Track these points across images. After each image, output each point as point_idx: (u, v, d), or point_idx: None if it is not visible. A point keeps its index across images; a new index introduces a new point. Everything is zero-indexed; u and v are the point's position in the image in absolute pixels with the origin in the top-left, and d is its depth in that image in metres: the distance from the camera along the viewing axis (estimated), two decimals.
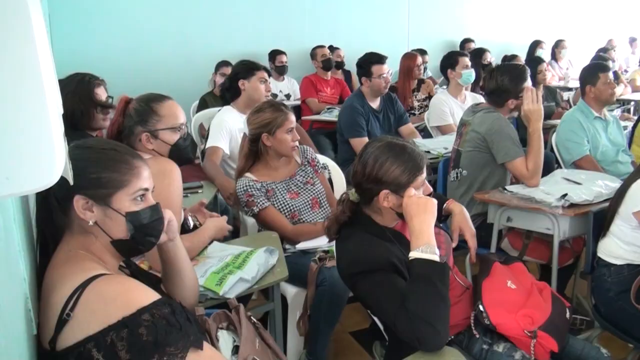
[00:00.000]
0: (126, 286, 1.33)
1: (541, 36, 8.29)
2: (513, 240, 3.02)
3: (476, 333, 1.94)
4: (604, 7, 9.75)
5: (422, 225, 1.73)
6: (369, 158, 1.86)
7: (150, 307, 1.26)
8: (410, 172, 1.83)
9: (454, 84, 4.82)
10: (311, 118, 5.75)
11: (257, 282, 2.05)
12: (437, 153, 3.90)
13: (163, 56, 6.04)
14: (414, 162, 1.85)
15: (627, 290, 2.31)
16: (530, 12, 8.89)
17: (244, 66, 3.75)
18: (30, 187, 0.85)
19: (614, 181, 2.99)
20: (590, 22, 9.55)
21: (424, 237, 1.71)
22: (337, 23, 7.17)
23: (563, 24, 9.12)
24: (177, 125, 2.30)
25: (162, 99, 2.32)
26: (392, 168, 1.82)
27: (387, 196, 1.84)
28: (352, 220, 1.95)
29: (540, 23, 8.89)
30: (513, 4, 8.72)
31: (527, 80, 3.22)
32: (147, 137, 2.24)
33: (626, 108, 6.96)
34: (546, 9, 9.07)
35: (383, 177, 1.83)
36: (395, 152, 1.85)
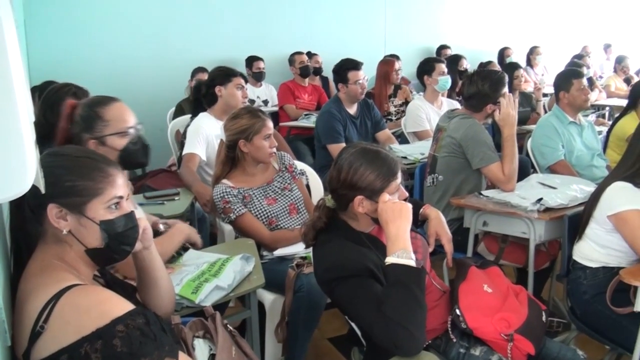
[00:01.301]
0: (100, 297, 1.32)
1: (517, 42, 8.43)
2: (489, 244, 3.05)
3: (453, 337, 1.95)
4: (579, 14, 9.90)
5: (397, 230, 1.73)
6: (344, 164, 1.87)
7: (124, 317, 1.25)
8: (384, 177, 1.84)
9: (431, 90, 4.85)
10: (289, 124, 5.75)
11: (234, 289, 2.04)
12: (413, 158, 3.92)
13: (140, 62, 6.00)
14: (387, 167, 1.86)
15: (602, 292, 2.33)
16: (505, 19, 8.98)
17: (221, 72, 3.73)
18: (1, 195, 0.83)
19: (588, 185, 3.03)
20: (565, 28, 9.69)
21: (400, 242, 1.71)
22: (314, 29, 7.17)
23: (538, 30, 9.24)
24: (125, 129, 2.20)
25: (108, 101, 2.22)
26: (366, 173, 1.83)
27: (361, 202, 1.85)
28: (329, 226, 1.95)
29: (515, 30, 9.00)
30: (488, 12, 8.80)
31: (506, 86, 3.26)
32: (95, 144, 2.14)
33: (601, 113, 7.08)
34: (521, 16, 9.17)
35: (357, 183, 1.84)
36: (369, 157, 1.86)
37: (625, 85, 7.50)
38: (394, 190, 1.86)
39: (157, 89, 6.01)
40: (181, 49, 6.19)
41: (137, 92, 5.88)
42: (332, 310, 2.44)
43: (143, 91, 5.96)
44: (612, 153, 4.22)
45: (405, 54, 7.04)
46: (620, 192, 2.35)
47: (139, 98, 5.84)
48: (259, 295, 2.51)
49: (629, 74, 7.87)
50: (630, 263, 2.39)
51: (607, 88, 7.69)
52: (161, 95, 5.92)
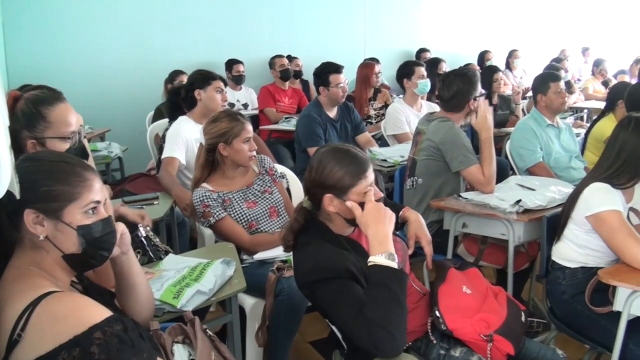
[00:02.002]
0: (77, 304, 1.31)
1: (496, 46, 8.50)
2: (469, 246, 3.07)
3: (433, 339, 1.96)
4: (557, 18, 10.02)
5: (378, 232, 1.73)
6: (314, 163, 1.89)
7: (102, 324, 1.23)
8: (352, 175, 1.83)
9: (410, 94, 4.87)
10: (270, 128, 5.74)
11: (215, 294, 2.03)
12: (393, 161, 3.94)
13: (119, 66, 5.95)
14: (356, 165, 1.85)
15: (582, 292, 2.35)
16: (485, 23, 9.06)
17: (200, 76, 3.71)
18: None
19: (567, 187, 3.07)
20: (544, 32, 9.79)
21: (385, 244, 1.71)
22: (295, 33, 7.18)
23: (518, 34, 9.33)
24: (68, 135, 2.10)
25: (53, 101, 2.12)
26: (334, 171, 1.84)
27: (332, 200, 1.85)
28: (309, 229, 1.95)
29: (495, 34, 9.08)
30: (468, 16, 8.88)
31: (479, 81, 3.32)
32: (34, 145, 2.05)
33: (579, 116, 7.16)
34: (501, 20, 9.26)
35: (326, 181, 1.85)
36: (337, 156, 1.86)
37: (603, 88, 7.60)
38: (363, 189, 1.85)
39: (136, 92, 5.98)
40: (161, 52, 6.17)
41: (116, 95, 5.87)
42: (313, 313, 2.43)
43: (122, 95, 5.94)
44: (591, 155, 4.27)
45: (385, 58, 7.08)
46: (598, 193, 2.37)
47: (118, 101, 5.85)
48: (240, 300, 2.49)
49: (606, 77, 7.98)
50: (609, 263, 2.41)
51: (585, 91, 7.79)
52: (140, 99, 5.89)
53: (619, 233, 2.27)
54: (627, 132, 2.41)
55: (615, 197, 2.36)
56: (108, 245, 1.46)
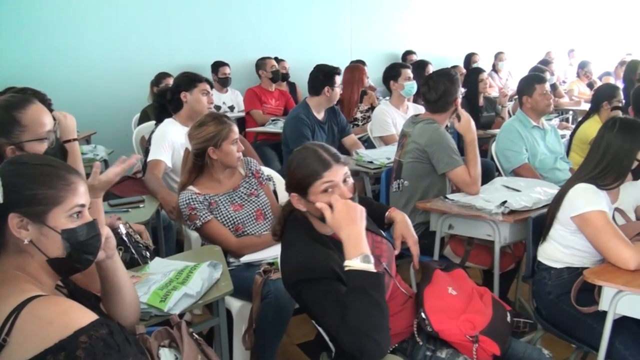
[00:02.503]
0: (63, 307, 1.30)
1: (482, 48, 8.55)
2: (455, 247, 3.08)
3: (419, 340, 1.96)
4: (543, 21, 10.09)
5: (350, 234, 1.70)
6: (289, 161, 1.93)
7: (87, 328, 1.23)
8: (309, 174, 1.83)
9: (397, 95, 4.89)
10: (256, 130, 5.73)
11: (202, 297, 2.02)
12: (379, 163, 3.95)
13: (104, 68, 5.92)
14: (315, 165, 1.83)
15: (567, 292, 2.37)
16: (471, 26, 9.11)
17: (186, 78, 3.70)
18: None
19: (552, 187, 3.09)
20: (529, 35, 9.86)
21: (357, 247, 1.68)
22: (281, 35, 7.17)
23: (503, 36, 9.39)
24: (44, 135, 2.10)
25: (24, 104, 2.11)
26: (296, 171, 1.86)
27: (298, 199, 1.87)
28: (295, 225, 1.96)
29: (481, 36, 9.14)
30: (454, 18, 8.92)
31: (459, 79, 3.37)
32: (12, 150, 2.04)
33: (564, 117, 7.22)
34: (487, 22, 9.32)
35: (291, 180, 1.88)
36: (302, 155, 1.88)
37: (588, 90, 7.66)
38: (319, 188, 1.82)
39: (121, 94, 5.95)
40: (146, 54, 6.14)
41: (101, 98, 5.84)
42: (300, 315, 2.43)
43: (108, 97, 5.90)
44: (575, 156, 4.31)
45: (370, 60, 7.10)
46: (583, 194, 2.39)
47: (104, 104, 5.82)
48: (227, 303, 2.48)
49: (591, 79, 8.04)
50: (594, 263, 2.43)
51: (570, 93, 7.85)
52: (126, 101, 5.86)
53: (603, 233, 2.28)
54: (612, 133, 2.43)
55: (600, 197, 2.38)
56: (92, 249, 1.45)
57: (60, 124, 2.44)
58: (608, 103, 4.32)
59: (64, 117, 2.54)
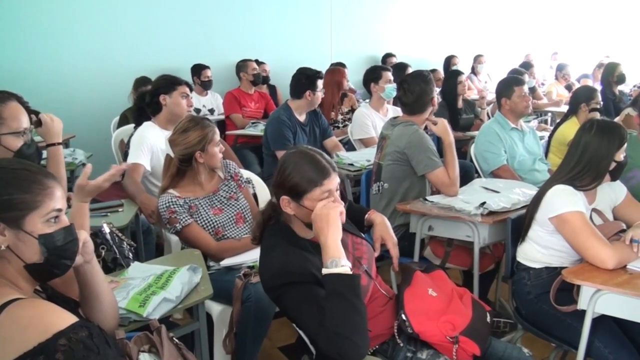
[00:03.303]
0: (41, 310, 1.29)
1: (462, 51, 8.61)
2: (435, 248, 3.10)
3: (400, 342, 1.97)
4: (521, 24, 10.20)
5: (326, 239, 1.72)
6: (280, 162, 1.91)
7: (67, 331, 1.23)
8: (307, 181, 1.84)
9: (377, 98, 4.90)
10: (236, 133, 5.70)
11: (182, 301, 2.01)
12: (360, 165, 3.96)
13: (83, 71, 5.86)
14: (314, 172, 1.85)
15: (546, 292, 2.39)
16: (450, 28, 9.18)
17: (165, 81, 3.66)
18: None
19: (530, 189, 3.12)
20: (508, 38, 9.95)
21: (331, 251, 1.70)
22: (261, 38, 7.16)
23: (483, 39, 9.47)
24: (21, 130, 2.14)
25: (4, 99, 2.16)
26: (292, 175, 1.85)
27: (288, 202, 1.86)
28: (275, 230, 1.95)
29: (460, 39, 9.21)
30: (433, 21, 8.98)
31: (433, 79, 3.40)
32: None
33: (543, 119, 7.30)
34: (466, 25, 9.40)
35: (284, 183, 1.86)
36: (299, 159, 1.87)
37: (566, 92, 7.73)
38: (317, 196, 1.84)
39: (100, 97, 5.90)
40: (125, 57, 6.09)
41: (80, 101, 5.78)
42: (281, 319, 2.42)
43: (86, 100, 5.84)
44: (554, 157, 4.35)
45: (351, 62, 7.12)
46: (561, 195, 2.42)
47: (83, 107, 5.76)
48: (207, 307, 2.47)
49: (570, 81, 8.13)
50: (572, 263, 2.45)
51: (549, 95, 7.93)
52: (105, 104, 5.81)
53: (581, 233, 2.30)
54: (589, 135, 2.46)
55: (577, 198, 2.40)
56: (70, 254, 1.44)
57: (46, 126, 2.43)
58: (586, 105, 4.37)
59: (51, 119, 2.52)
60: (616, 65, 6.40)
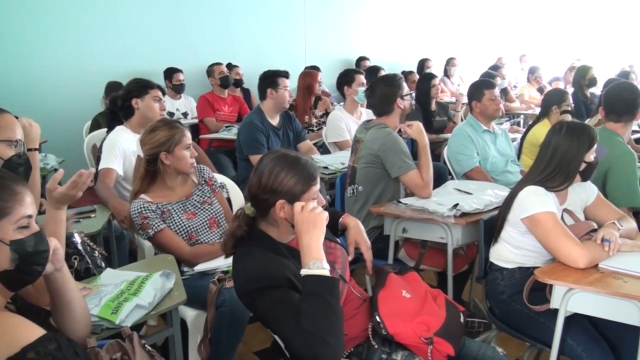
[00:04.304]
0: (9, 324, 1.28)
1: (435, 54, 8.68)
2: (409, 250, 3.12)
3: (375, 344, 1.97)
4: (493, 27, 10.31)
5: (310, 241, 1.72)
6: (264, 169, 1.86)
7: (35, 344, 1.21)
8: (304, 181, 1.84)
9: (350, 101, 4.92)
10: (210, 136, 5.68)
11: (155, 307, 1.99)
12: (334, 168, 3.96)
13: (54, 75, 5.79)
14: (307, 172, 1.86)
15: (519, 292, 2.41)
16: (423, 31, 9.25)
17: (137, 85, 3.64)
18: None
19: (502, 190, 3.15)
20: (481, 40, 10.06)
21: (312, 252, 1.71)
22: (234, 41, 7.14)
23: (455, 42, 9.55)
24: (14, 139, 2.15)
25: (1, 111, 2.18)
26: (287, 178, 1.83)
27: (283, 206, 1.84)
28: (248, 237, 1.94)
29: (433, 42, 9.28)
30: (406, 24, 9.04)
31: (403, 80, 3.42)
32: None
33: (516, 121, 7.39)
34: (439, 28, 9.48)
35: (278, 188, 1.83)
36: (289, 162, 1.86)
37: (538, 95, 7.81)
38: (313, 195, 1.86)
39: (72, 102, 5.83)
40: (97, 60, 6.03)
41: (51, 105, 5.70)
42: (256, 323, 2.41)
43: (58, 104, 5.77)
44: (526, 159, 4.40)
45: (325, 65, 7.14)
46: (533, 196, 2.44)
47: (54, 111, 5.68)
48: (181, 312, 2.45)
49: (541, 84, 8.22)
50: (545, 262, 2.47)
51: (521, 97, 8.02)
52: (77, 109, 5.74)
53: (552, 233, 2.33)
54: (559, 136, 2.49)
55: (548, 199, 2.43)
56: (41, 260, 1.43)
57: (25, 131, 2.40)
58: (557, 107, 4.43)
59: (29, 124, 2.51)
60: (588, 68, 6.48)
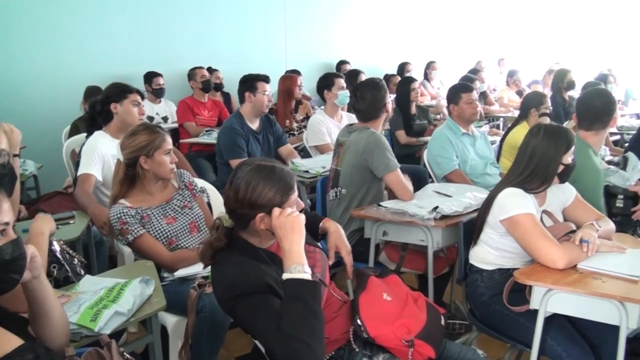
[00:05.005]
0: None
1: (415, 58, 8.73)
2: (390, 253, 3.13)
3: (356, 347, 1.97)
4: (473, 31, 10.40)
5: (291, 245, 1.73)
6: (241, 183, 1.83)
7: (12, 354, 1.20)
8: (282, 192, 1.83)
9: (331, 105, 4.92)
10: (190, 141, 5.65)
11: (134, 314, 1.97)
12: (315, 172, 3.97)
13: (32, 80, 5.72)
14: (284, 181, 1.85)
15: (499, 293, 2.43)
16: (403, 36, 9.29)
17: (116, 89, 3.61)
18: None
19: (481, 192, 3.17)
20: (460, 44, 10.13)
21: (294, 256, 1.71)
22: (215, 45, 7.12)
23: (435, 46, 9.62)
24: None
25: None
26: (265, 191, 1.81)
27: (263, 219, 1.83)
28: (227, 245, 1.93)
29: (413, 46, 9.33)
30: (387, 28, 9.08)
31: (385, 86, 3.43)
32: None
33: (495, 124, 7.45)
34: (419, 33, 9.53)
35: (257, 201, 1.81)
36: (265, 174, 1.84)
37: (517, 98, 7.90)
38: (292, 203, 1.86)
39: (51, 107, 5.77)
40: (76, 65, 5.98)
41: (30, 110, 5.64)
42: (237, 328, 2.41)
43: (36, 109, 5.71)
44: (505, 161, 4.44)
45: (305, 69, 7.14)
46: (511, 198, 2.46)
47: (33, 116, 5.61)
48: (161, 319, 2.44)
49: (520, 87, 8.30)
50: (524, 264, 2.49)
51: (500, 100, 8.09)
52: (56, 114, 5.68)
53: (532, 235, 2.35)
54: (537, 139, 2.52)
55: (527, 200, 2.45)
56: (18, 268, 1.42)
57: (6, 136, 2.38)
58: (536, 110, 4.49)
59: (11, 130, 2.48)
60: (566, 71, 6.56)
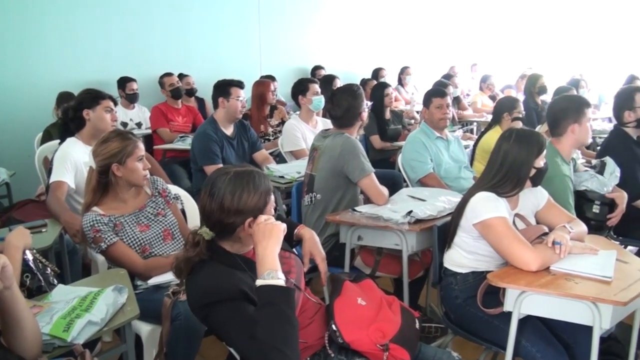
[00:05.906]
0: None
1: (389, 63, 8.78)
2: (365, 258, 3.14)
3: (331, 352, 1.98)
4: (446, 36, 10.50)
5: (264, 251, 1.73)
6: (224, 193, 1.82)
7: None
8: (265, 195, 1.86)
9: (305, 110, 4.92)
10: (164, 147, 5.61)
11: (107, 323, 1.95)
12: (290, 177, 3.96)
13: (4, 84, 5.64)
14: (264, 185, 1.87)
15: (473, 296, 2.44)
16: (377, 41, 9.35)
17: (88, 95, 3.57)
18: None
19: (455, 196, 3.20)
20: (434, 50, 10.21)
21: (267, 263, 1.71)
22: (188, 50, 7.10)
23: (409, 51, 9.68)
24: None
25: None
26: (250, 196, 1.82)
27: (250, 223, 1.83)
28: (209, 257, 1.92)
29: (387, 51, 9.39)
30: (361, 33, 9.13)
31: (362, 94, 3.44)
32: None
33: (468, 128, 7.52)
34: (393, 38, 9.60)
35: (244, 208, 1.82)
36: (245, 180, 1.85)
37: (491, 102, 7.95)
38: (272, 205, 1.89)
39: (23, 113, 5.69)
40: (48, 70, 5.91)
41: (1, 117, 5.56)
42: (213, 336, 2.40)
43: (8, 116, 5.63)
44: (479, 165, 4.48)
45: (280, 75, 7.14)
46: (484, 201, 2.49)
47: (4, 123, 5.55)
48: (136, 327, 2.42)
49: (494, 92, 8.38)
50: (498, 266, 2.52)
51: (474, 105, 8.16)
52: (27, 120, 5.60)
53: (504, 238, 2.38)
54: (509, 143, 2.55)
55: (500, 204, 2.48)
56: None
57: None
58: (509, 114, 4.55)
59: None
60: (538, 76, 6.64)
